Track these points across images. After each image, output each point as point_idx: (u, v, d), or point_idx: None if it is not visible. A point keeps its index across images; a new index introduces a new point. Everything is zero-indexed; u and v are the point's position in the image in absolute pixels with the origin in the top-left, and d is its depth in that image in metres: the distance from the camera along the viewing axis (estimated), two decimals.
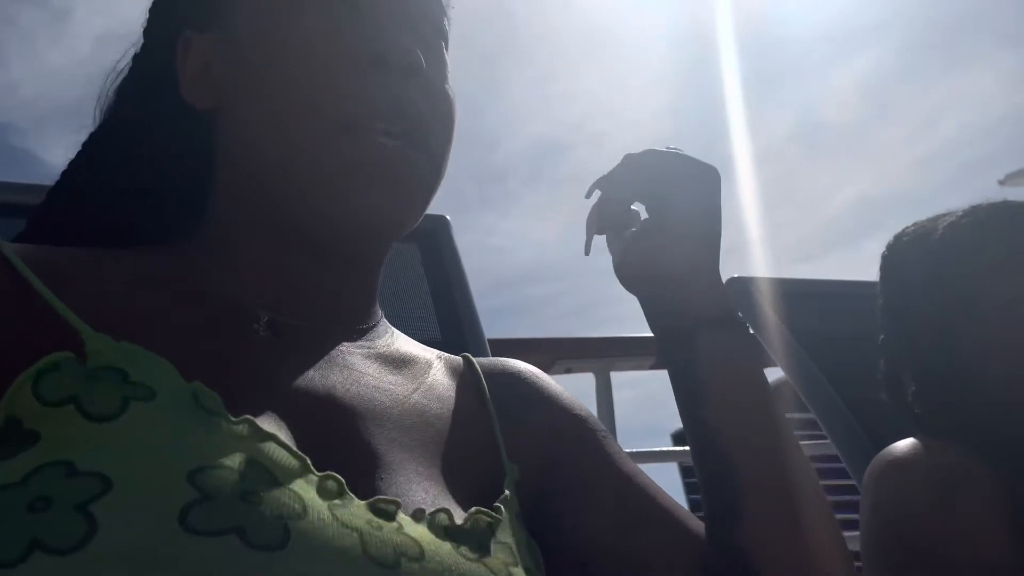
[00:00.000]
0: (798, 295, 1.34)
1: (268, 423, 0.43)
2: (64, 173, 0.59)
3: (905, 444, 0.97)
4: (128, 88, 0.59)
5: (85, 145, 0.59)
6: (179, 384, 0.41)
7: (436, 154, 0.54)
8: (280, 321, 0.52)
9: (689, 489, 3.25)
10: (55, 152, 0.60)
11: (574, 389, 0.66)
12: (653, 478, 0.60)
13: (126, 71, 0.59)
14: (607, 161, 0.63)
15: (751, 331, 0.59)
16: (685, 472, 3.28)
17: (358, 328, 0.57)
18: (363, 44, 0.51)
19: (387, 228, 0.52)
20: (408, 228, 0.54)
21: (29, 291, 0.44)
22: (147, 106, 0.57)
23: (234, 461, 0.38)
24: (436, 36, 0.56)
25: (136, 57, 0.59)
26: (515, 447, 0.56)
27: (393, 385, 0.53)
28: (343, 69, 0.50)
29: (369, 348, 0.56)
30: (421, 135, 0.52)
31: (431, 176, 0.54)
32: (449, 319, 1.11)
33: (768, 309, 1.29)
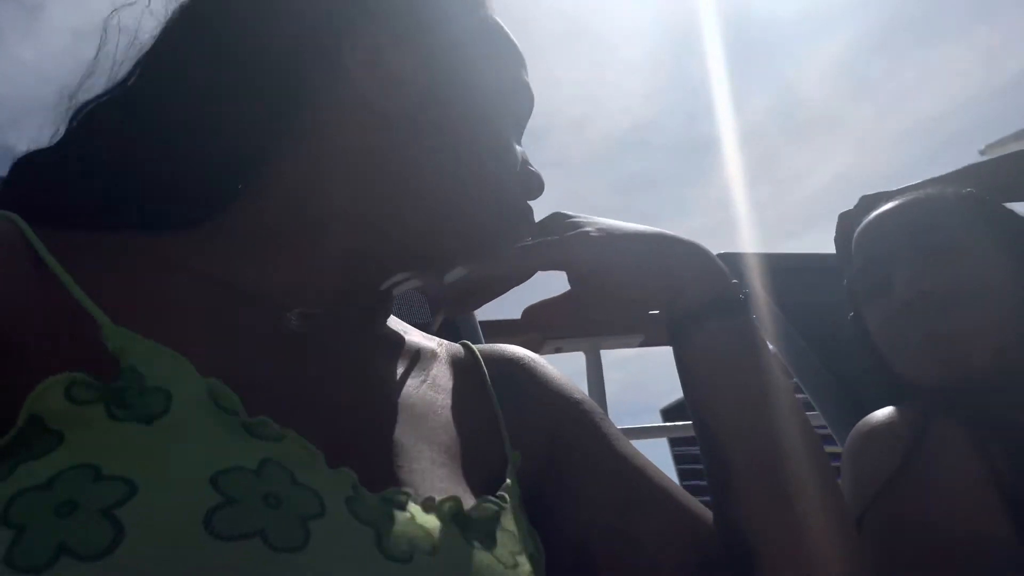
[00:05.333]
0: (785, 269, 1.35)
1: (288, 416, 0.43)
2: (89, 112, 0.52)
3: (877, 414, 0.97)
4: (275, 30, 0.53)
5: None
6: (196, 383, 0.41)
7: None
8: (307, 313, 0.52)
9: (679, 462, 3.28)
10: (33, 147, 0.55)
11: (564, 368, 0.67)
12: (644, 454, 0.61)
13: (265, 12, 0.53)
14: (588, 146, 0.65)
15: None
16: (675, 448, 3.31)
17: (374, 319, 0.58)
18: (524, 165, 0.59)
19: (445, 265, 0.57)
20: None
21: (53, 281, 0.44)
22: (295, 57, 0.53)
23: (253, 461, 0.39)
24: None
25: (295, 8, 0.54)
26: (516, 433, 0.57)
27: (402, 377, 0.54)
28: (516, 183, 0.58)
29: (383, 339, 0.57)
30: None
31: None
32: None
33: (756, 284, 1.30)
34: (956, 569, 0.81)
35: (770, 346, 0.59)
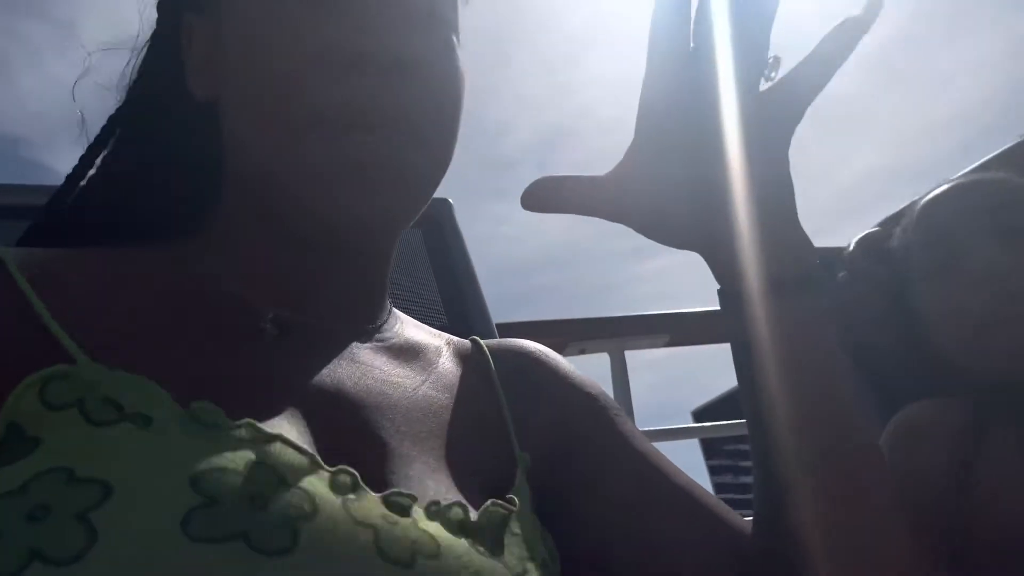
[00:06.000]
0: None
1: (277, 422, 0.43)
2: (80, 158, 0.58)
3: (919, 407, 0.94)
4: (143, 70, 0.57)
5: (100, 131, 0.58)
6: (174, 411, 0.40)
7: (432, 146, 0.51)
8: (287, 318, 0.51)
9: (710, 458, 3.26)
10: (67, 162, 0.60)
11: (589, 370, 0.65)
12: (675, 457, 0.59)
13: (145, 48, 0.58)
14: (616, 147, 0.55)
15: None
16: (707, 450, 3.29)
17: (366, 322, 0.56)
18: (344, 42, 0.48)
19: (372, 228, 0.50)
20: (401, 225, 0.53)
21: (27, 306, 0.44)
22: (158, 92, 0.56)
23: (239, 464, 0.38)
24: (433, 23, 0.53)
25: (152, 34, 0.57)
26: (526, 432, 0.56)
27: (402, 378, 0.53)
28: (320, 68, 0.48)
29: (378, 342, 0.55)
30: (408, 131, 0.49)
31: (424, 170, 0.51)
32: (455, 303, 1.11)
33: None
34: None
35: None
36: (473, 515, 0.45)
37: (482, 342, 0.62)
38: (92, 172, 0.58)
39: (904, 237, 1.00)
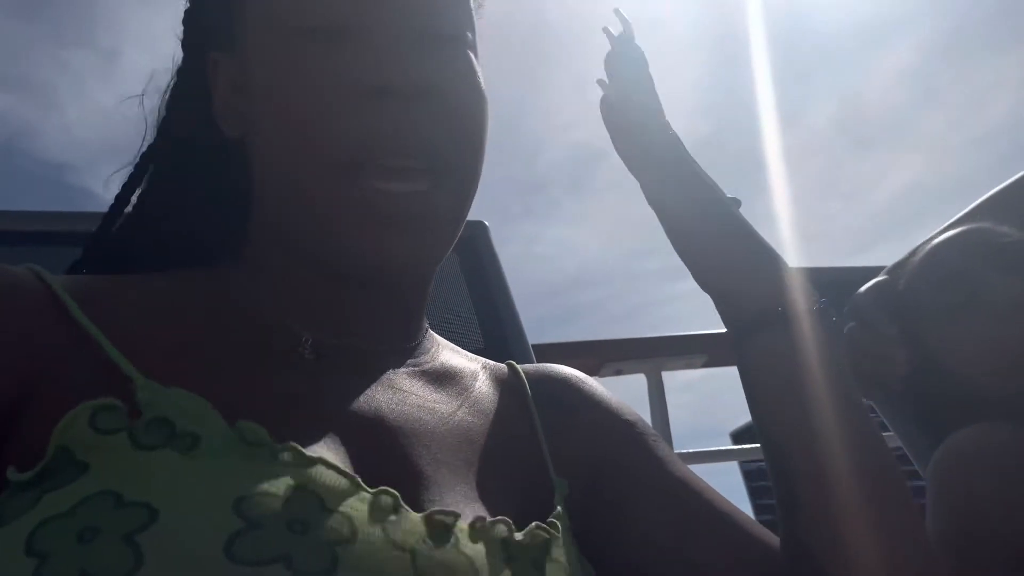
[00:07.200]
0: (845, 284, 1.33)
1: (315, 446, 0.43)
2: (117, 196, 0.59)
3: (971, 431, 0.93)
4: (170, 107, 0.58)
5: (136, 165, 0.59)
6: (224, 428, 0.41)
7: (458, 173, 0.51)
8: (324, 342, 0.52)
9: (752, 489, 3.21)
10: (110, 188, 0.61)
11: (625, 391, 0.66)
12: (715, 479, 0.60)
13: (172, 85, 0.59)
14: None
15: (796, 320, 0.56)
16: (747, 472, 3.24)
17: (403, 347, 0.56)
18: (364, 75, 0.48)
19: (403, 267, 0.50)
20: (434, 259, 0.52)
21: (80, 331, 0.45)
22: (185, 128, 0.57)
23: (280, 488, 0.39)
24: (454, 45, 0.52)
25: (179, 71, 0.58)
26: (563, 459, 0.56)
27: (438, 403, 0.53)
28: (342, 104, 0.47)
29: (414, 366, 0.55)
30: (432, 162, 0.49)
31: (451, 201, 0.51)
32: (491, 325, 1.12)
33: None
34: None
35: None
36: (519, 535, 0.45)
37: (518, 367, 0.62)
38: (129, 209, 0.59)
39: (912, 281, 1.01)
